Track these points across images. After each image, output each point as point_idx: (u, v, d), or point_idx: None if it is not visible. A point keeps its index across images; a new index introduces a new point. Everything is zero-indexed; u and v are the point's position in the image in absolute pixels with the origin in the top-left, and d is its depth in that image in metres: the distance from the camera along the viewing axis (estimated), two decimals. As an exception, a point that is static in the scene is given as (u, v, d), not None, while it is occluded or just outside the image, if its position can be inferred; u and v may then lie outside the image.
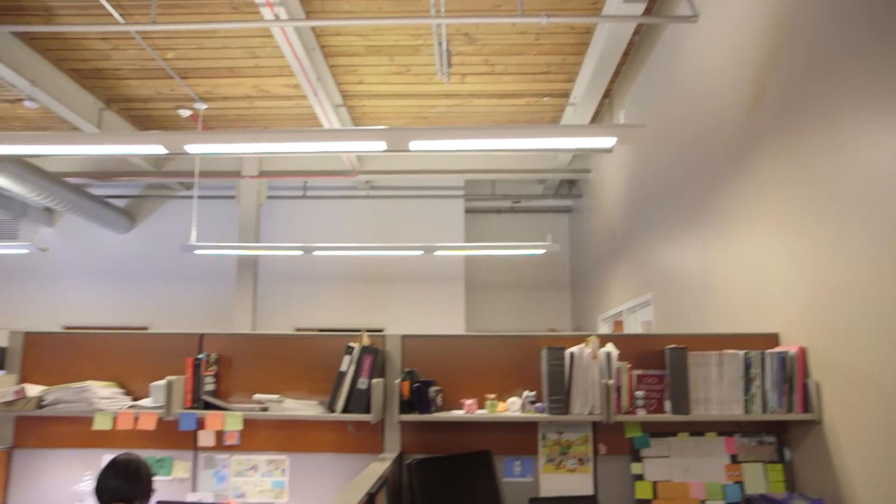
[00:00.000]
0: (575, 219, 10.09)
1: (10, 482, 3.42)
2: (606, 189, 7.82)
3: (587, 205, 9.11)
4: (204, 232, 9.27)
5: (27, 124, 8.36)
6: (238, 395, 3.36)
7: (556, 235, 10.10)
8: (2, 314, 9.73)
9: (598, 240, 8.28)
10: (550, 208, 10.42)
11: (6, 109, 7.92)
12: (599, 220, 8.24)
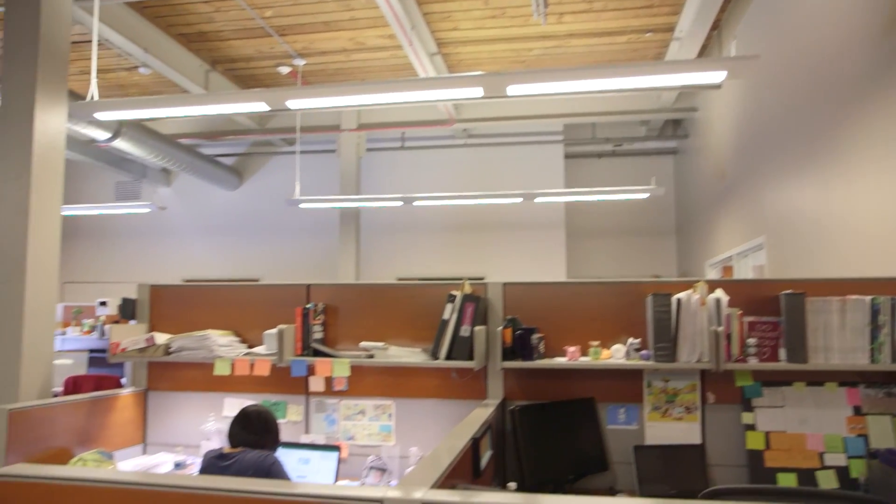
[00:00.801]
0: (680, 161, 9.66)
1: (147, 420, 3.73)
2: (715, 128, 7.40)
3: (693, 145, 8.68)
4: (307, 186, 9.55)
5: (143, 90, 8.82)
6: (345, 343, 3.48)
7: (660, 179, 9.71)
8: (129, 269, 10.49)
9: (706, 182, 7.89)
10: (654, 150, 10.01)
11: (124, 77, 8.37)
12: (707, 161, 7.84)
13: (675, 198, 9.83)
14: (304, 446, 3.30)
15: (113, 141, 7.33)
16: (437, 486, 1.75)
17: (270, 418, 2.86)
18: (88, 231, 10.70)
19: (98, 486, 1.91)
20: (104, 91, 8.63)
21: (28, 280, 3.41)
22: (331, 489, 1.76)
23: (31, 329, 3.40)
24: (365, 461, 3.31)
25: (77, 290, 10.47)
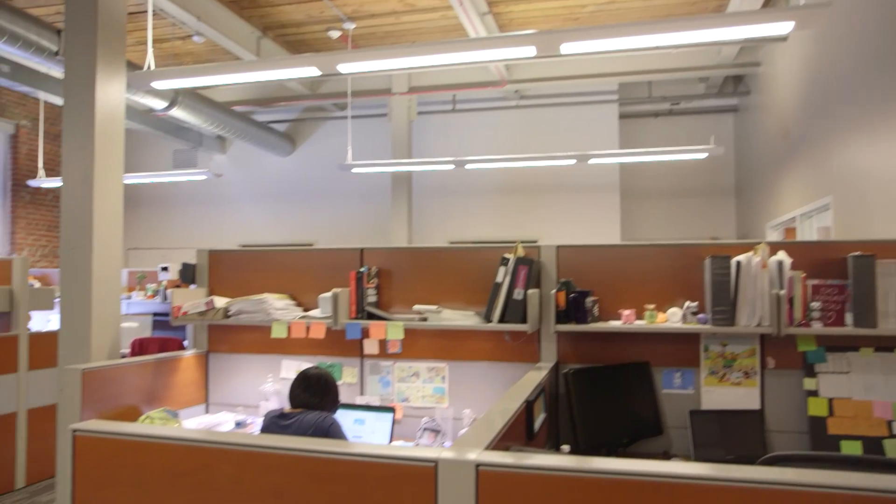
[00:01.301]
0: (741, 118, 9.32)
1: (209, 380, 3.86)
2: (779, 83, 7.10)
3: (756, 102, 8.35)
4: (359, 151, 9.59)
5: (197, 58, 8.94)
6: (398, 306, 3.51)
7: (720, 138, 9.40)
8: (188, 235, 10.79)
9: (769, 140, 7.60)
10: (713, 108, 9.67)
11: (178, 46, 8.49)
12: (770, 119, 7.54)
13: (735, 157, 9.51)
14: (360, 407, 3.37)
15: (170, 110, 7.48)
16: (490, 448, 1.77)
17: (330, 380, 2.92)
18: (149, 199, 11.02)
19: (166, 443, 1.98)
20: (160, 61, 8.78)
21: (95, 247, 3.54)
22: (387, 449, 1.79)
23: (99, 294, 3.54)
24: (419, 423, 3.36)
25: (140, 256, 10.84)
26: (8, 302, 5.23)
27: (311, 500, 1.80)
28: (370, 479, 1.75)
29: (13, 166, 9.53)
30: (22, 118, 9.58)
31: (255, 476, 1.86)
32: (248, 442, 1.90)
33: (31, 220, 9.75)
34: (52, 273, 7.61)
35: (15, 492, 5.19)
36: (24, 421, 5.29)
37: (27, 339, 5.31)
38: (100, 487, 2.06)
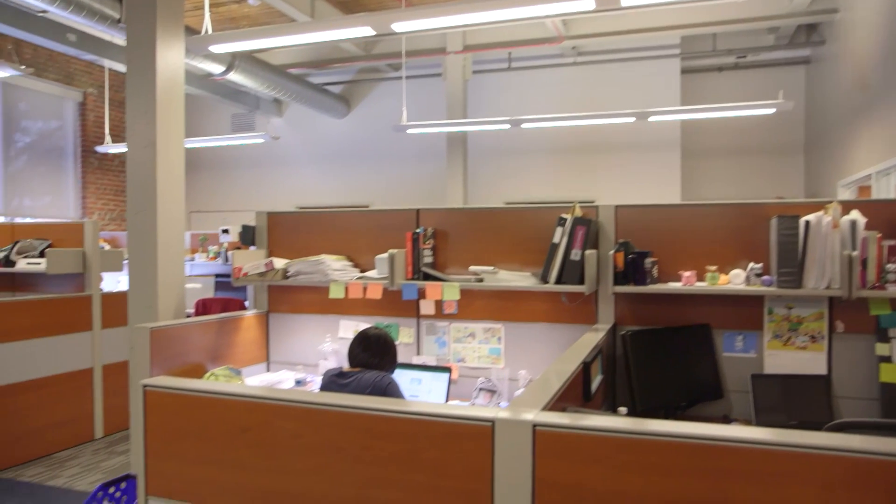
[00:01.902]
0: (813, 71, 8.87)
1: (269, 339, 3.96)
2: (858, 31, 6.70)
3: (831, 52, 7.93)
4: (414, 111, 9.54)
5: (252, 21, 9.00)
6: (454, 267, 3.51)
7: (789, 92, 8.97)
8: (247, 197, 11.01)
9: (844, 93, 7.22)
10: (782, 61, 9.22)
11: (235, 10, 8.55)
12: (846, 70, 7.15)
13: (805, 112, 9.08)
14: (417, 367, 3.41)
15: (227, 74, 7.57)
16: (547, 409, 1.76)
17: (389, 341, 2.96)
18: (209, 162, 11.26)
19: (230, 399, 2.05)
20: (216, 25, 8.87)
21: (159, 210, 3.64)
22: (445, 408, 1.80)
23: (164, 256, 3.65)
24: (474, 383, 3.38)
25: (202, 218, 11.13)
26: (81, 264, 5.46)
27: (369, 456, 1.84)
28: (427, 438, 1.77)
29: (82, 133, 9.86)
30: (89, 86, 9.86)
31: (315, 432, 1.90)
32: (309, 399, 1.94)
33: (99, 185, 10.11)
34: (120, 236, 7.90)
35: (95, 441, 5.49)
36: (99, 376, 5.56)
37: (100, 299, 5.55)
38: (169, 440, 2.15)
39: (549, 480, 1.62)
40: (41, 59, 9.06)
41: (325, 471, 1.89)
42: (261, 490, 1.99)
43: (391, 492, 1.82)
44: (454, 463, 1.74)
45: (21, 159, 9.04)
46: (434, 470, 1.77)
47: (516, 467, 1.66)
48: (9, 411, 4.85)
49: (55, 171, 9.57)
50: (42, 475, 4.73)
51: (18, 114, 9.00)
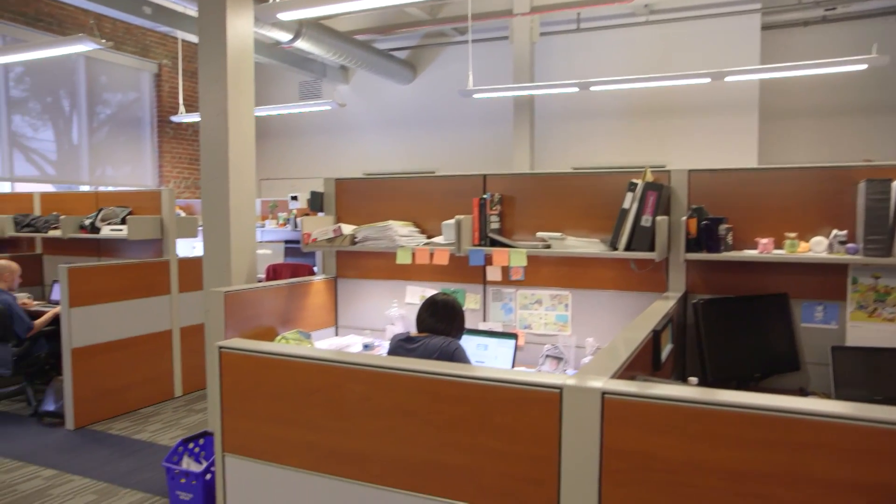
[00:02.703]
0: (907, 24, 8.26)
1: (337, 304, 4.04)
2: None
3: (924, 5, 7.37)
4: (480, 75, 9.42)
5: (319, -13, 9.00)
6: (521, 233, 3.48)
7: (884, 45, 8.38)
8: (314, 164, 11.17)
9: (938, 48, 6.72)
10: (877, 11, 8.59)
11: (301, -25, 8.58)
12: (941, 23, 6.64)
13: (899, 68, 8.50)
14: (483, 333, 3.42)
15: (295, 41, 7.64)
16: (616, 377, 1.73)
17: (457, 307, 2.97)
18: (277, 130, 11.46)
19: (301, 362, 2.10)
20: (285, -8, 8.92)
21: (231, 178, 3.73)
22: (512, 374, 1.80)
23: (237, 222, 3.75)
24: (541, 349, 3.37)
25: (271, 186, 11.38)
26: (159, 230, 5.68)
27: (438, 420, 1.86)
28: (495, 403, 1.78)
29: (158, 104, 10.18)
30: (163, 57, 10.14)
31: (384, 395, 1.94)
32: (378, 363, 1.97)
33: (174, 154, 10.45)
34: (195, 203, 8.16)
35: (175, 399, 5.77)
36: (177, 338, 5.82)
37: (176, 264, 5.78)
38: (243, 399, 2.23)
39: (617, 449, 1.61)
40: (119, 33, 9.36)
41: (393, 433, 1.93)
42: (331, 450, 2.04)
43: (459, 455, 1.84)
44: (521, 429, 1.74)
45: (103, 130, 9.42)
46: (502, 435, 1.77)
47: (584, 435, 1.65)
48: (98, 369, 5.13)
49: (134, 141, 9.93)
50: (128, 429, 5.00)
51: (100, 87, 9.35)
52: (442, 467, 1.86)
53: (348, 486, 2.02)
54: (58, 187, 8.81)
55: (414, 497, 1.91)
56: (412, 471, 1.91)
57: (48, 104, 8.65)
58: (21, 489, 3.95)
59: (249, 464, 2.23)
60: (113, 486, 3.99)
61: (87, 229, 5.79)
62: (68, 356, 4.94)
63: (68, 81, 8.91)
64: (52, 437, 4.84)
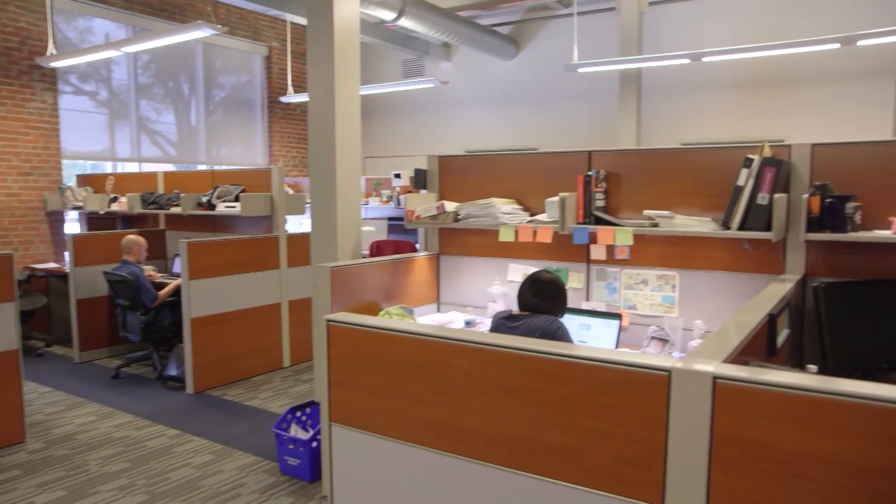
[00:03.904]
0: None
1: (440, 281, 4.08)
2: None
3: None
4: (585, 49, 9.18)
5: (422, -35, 9.02)
6: (627, 211, 3.38)
7: None
8: (417, 142, 11.28)
9: None
10: None
11: (404, -47, 8.62)
12: None
13: None
14: (586, 313, 3.36)
15: (398, 20, 7.71)
16: (728, 361, 1.66)
17: (560, 285, 2.93)
18: (381, 109, 11.65)
19: (405, 336, 2.14)
20: (389, -29, 9.00)
21: (338, 155, 3.82)
22: (618, 355, 1.76)
23: (343, 199, 3.85)
24: (645, 331, 3.28)
25: (375, 163, 11.60)
26: (269, 207, 5.92)
27: (540, 398, 1.84)
28: (599, 383, 1.74)
29: (268, 85, 10.57)
30: (273, 40, 10.50)
31: (486, 371, 1.94)
32: (481, 340, 1.97)
33: (283, 134, 10.84)
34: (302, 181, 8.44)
35: (283, 369, 6.04)
36: (286, 310, 6.07)
37: (285, 240, 6.02)
38: (350, 371, 2.30)
39: (729, 435, 1.54)
40: (233, 19, 9.76)
41: (495, 409, 1.93)
42: (433, 423, 2.08)
43: (561, 434, 1.82)
44: (627, 410, 1.71)
45: (218, 112, 9.89)
46: (606, 416, 1.74)
47: (693, 419, 1.59)
48: (214, 339, 5.45)
49: (246, 122, 10.38)
50: (241, 396, 5.29)
51: (215, 71, 9.81)
52: (543, 446, 1.85)
53: (449, 460, 2.05)
54: (178, 167, 9.36)
55: (514, 474, 1.92)
56: (513, 448, 1.91)
57: (170, 89, 9.17)
58: (150, 445, 4.27)
59: (354, 434, 2.30)
60: (228, 447, 4.24)
61: (203, 206, 6.12)
62: (188, 325, 5.27)
63: (187, 67, 9.40)
64: (175, 399, 5.19)
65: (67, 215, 7.76)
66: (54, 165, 7.56)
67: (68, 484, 3.73)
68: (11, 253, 4.28)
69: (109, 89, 8.34)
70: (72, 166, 8.08)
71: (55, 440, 4.36)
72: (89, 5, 7.87)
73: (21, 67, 7.21)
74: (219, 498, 3.55)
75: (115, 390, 5.41)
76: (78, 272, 6.14)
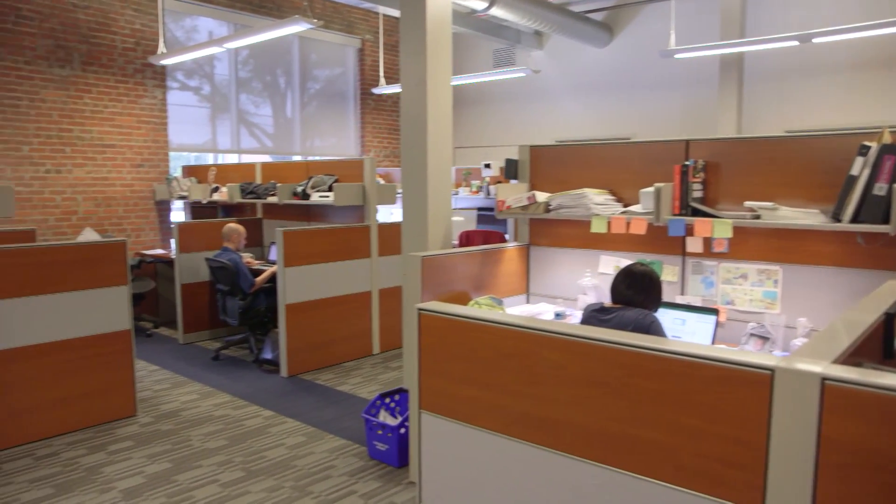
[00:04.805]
0: None
1: (529, 271, 4.05)
2: None
3: None
4: (683, 34, 8.85)
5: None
6: (726, 202, 3.24)
7: None
8: (507, 132, 11.22)
9: None
10: None
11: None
12: None
13: None
14: (680, 307, 3.25)
15: (490, 9, 7.67)
16: (838, 362, 1.56)
17: (655, 278, 2.85)
18: (471, 99, 11.65)
19: (496, 327, 2.13)
20: (480, -39, 8.97)
21: (429, 146, 3.85)
22: (717, 352, 1.69)
23: (434, 189, 3.87)
24: (744, 327, 3.14)
25: (465, 154, 11.63)
26: (361, 196, 6.05)
27: (633, 394, 1.80)
28: (696, 380, 1.68)
29: (360, 77, 10.78)
30: (366, 33, 10.69)
31: (578, 364, 1.91)
32: (573, 332, 1.94)
33: (375, 125, 11.03)
34: (393, 171, 8.57)
35: (372, 356, 6.17)
36: (376, 299, 6.19)
37: (376, 229, 6.13)
38: (440, 359, 2.31)
39: (839, 440, 1.45)
40: (328, 12, 10.00)
41: (587, 403, 1.90)
42: (523, 415, 2.06)
43: (654, 431, 1.77)
44: (725, 409, 1.64)
45: (312, 105, 10.18)
46: (702, 414, 1.68)
47: (799, 422, 1.51)
48: (307, 325, 5.63)
49: (339, 114, 10.62)
50: (332, 380, 5.45)
51: (310, 64, 10.09)
52: (635, 442, 1.81)
53: (538, 452, 2.03)
54: (274, 158, 9.70)
55: (604, 469, 1.88)
56: (603, 443, 1.88)
57: (267, 82, 9.50)
58: (247, 424, 4.47)
59: (442, 422, 2.32)
60: (319, 430, 4.37)
61: (298, 195, 6.32)
62: (283, 311, 5.46)
63: (284, 60, 9.71)
64: (269, 382, 5.40)
65: (173, 204, 8.20)
66: (162, 157, 8.01)
67: (174, 457, 3.95)
68: (125, 240, 4.56)
69: (212, 84, 8.73)
70: (177, 158, 8.52)
71: (162, 415, 4.63)
72: (196, 5, 8.25)
73: (135, 66, 7.67)
74: (310, 478, 3.67)
75: (215, 371, 5.69)
76: (182, 258, 6.48)
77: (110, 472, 3.75)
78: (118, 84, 7.53)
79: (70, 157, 7.23)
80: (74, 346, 4.32)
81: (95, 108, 7.39)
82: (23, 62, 6.83)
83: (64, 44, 7.11)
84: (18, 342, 4.09)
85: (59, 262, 4.23)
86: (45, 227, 7.03)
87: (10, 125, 6.78)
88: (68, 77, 7.16)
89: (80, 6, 7.21)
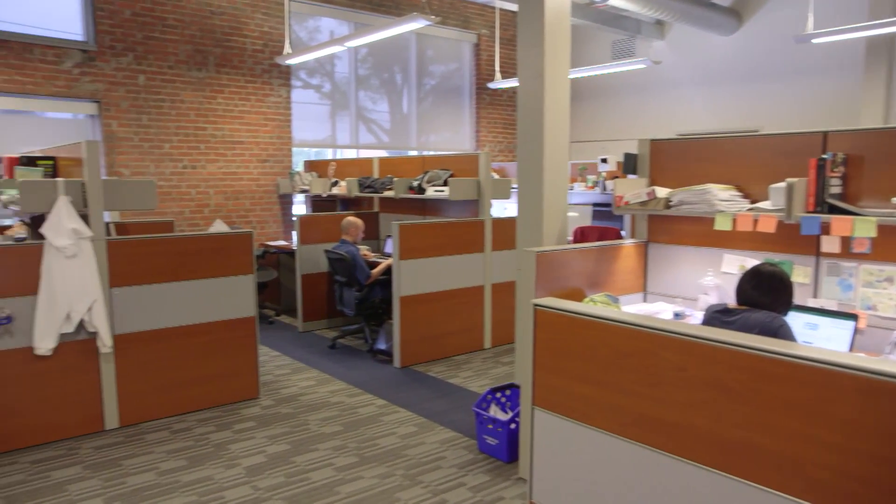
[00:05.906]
0: None
1: (647, 269, 3.93)
2: None
3: None
4: (822, 16, 8.24)
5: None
6: (870, 199, 2.99)
7: None
8: (625, 125, 10.91)
9: None
10: None
11: (617, -70, 8.32)
12: None
13: None
14: (813, 311, 3.04)
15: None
16: None
17: (785, 280, 2.68)
18: (588, 92, 11.41)
19: (613, 325, 2.08)
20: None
21: (546, 140, 3.80)
22: (859, 360, 1.56)
23: (550, 183, 3.82)
24: (888, 335, 2.90)
25: (581, 148, 11.41)
26: (476, 191, 6.07)
27: (759, 400, 1.70)
28: (833, 390, 1.56)
29: (476, 72, 10.82)
30: (482, 28, 10.71)
31: (699, 367, 1.83)
32: (694, 333, 1.86)
33: (490, 120, 11.04)
34: (508, 166, 8.55)
35: (484, 350, 6.20)
36: (489, 293, 6.21)
37: (490, 223, 6.14)
38: (554, 356, 2.28)
39: None
40: (444, 8, 10.10)
41: (707, 407, 1.82)
42: (639, 415, 2.00)
43: (781, 441, 1.66)
44: (866, 423, 1.51)
45: (428, 100, 10.33)
46: (839, 427, 1.56)
47: (954, 441, 1.37)
48: (421, 317, 5.73)
49: (454, 109, 10.72)
50: (444, 373, 5.51)
51: (427, 60, 10.24)
52: (760, 451, 1.71)
53: (654, 456, 1.97)
54: (391, 153, 9.92)
55: (722, 476, 1.79)
56: (725, 450, 1.78)
57: (384, 79, 9.73)
58: (361, 412, 4.61)
59: (556, 419, 2.29)
60: (430, 421, 4.44)
61: (414, 190, 6.43)
62: (397, 303, 5.58)
63: (401, 57, 9.90)
64: (383, 371, 5.54)
65: (295, 198, 8.59)
66: (286, 153, 8.40)
67: (292, 439, 4.14)
68: (251, 231, 4.82)
69: (332, 82, 9.04)
70: (298, 153, 8.90)
71: (282, 399, 4.86)
72: (319, 6, 8.58)
73: (263, 66, 8.09)
74: (421, 468, 3.74)
75: (331, 359, 5.90)
76: (303, 249, 6.77)
77: (236, 450, 3.98)
78: (247, 84, 7.97)
79: (204, 153, 7.73)
80: (206, 330, 4.62)
81: (227, 107, 7.86)
82: (167, 66, 7.37)
83: (202, 48, 7.60)
84: (159, 324, 4.42)
85: (193, 252, 4.54)
86: (181, 218, 7.57)
87: (155, 125, 7.34)
88: (204, 79, 7.65)
89: (217, 13, 7.69)
